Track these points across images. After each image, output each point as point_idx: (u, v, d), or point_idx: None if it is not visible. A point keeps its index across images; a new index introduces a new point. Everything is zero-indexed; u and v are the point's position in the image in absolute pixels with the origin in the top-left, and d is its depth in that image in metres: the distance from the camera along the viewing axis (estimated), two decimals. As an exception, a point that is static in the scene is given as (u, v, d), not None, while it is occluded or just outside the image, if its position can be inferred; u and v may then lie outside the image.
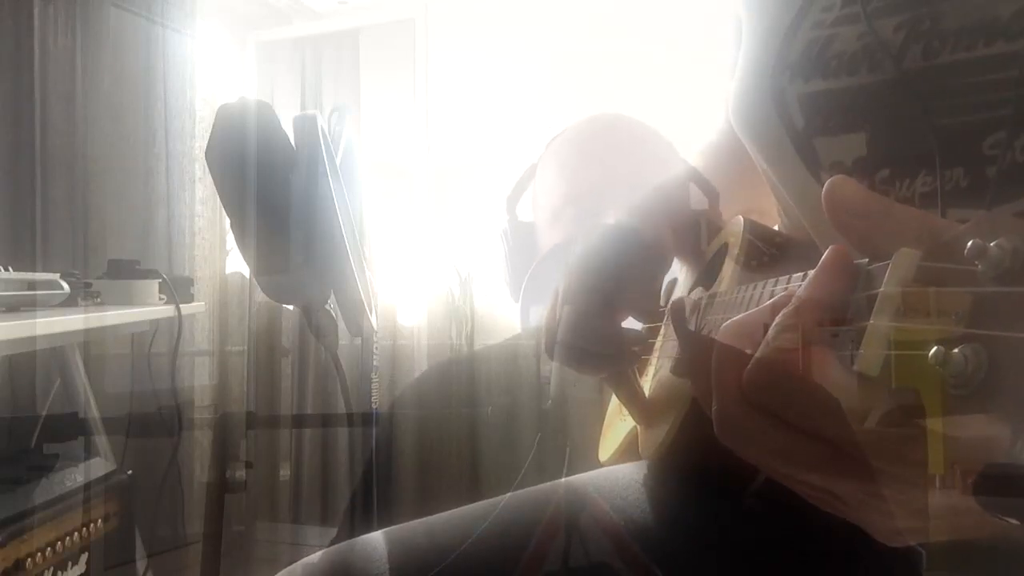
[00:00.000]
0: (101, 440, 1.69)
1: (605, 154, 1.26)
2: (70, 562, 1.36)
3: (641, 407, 0.65)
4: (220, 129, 0.72)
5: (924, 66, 0.44)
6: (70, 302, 1.50)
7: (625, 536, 0.61)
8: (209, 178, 1.69)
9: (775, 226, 0.62)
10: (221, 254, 2.60)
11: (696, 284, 0.65)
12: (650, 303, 0.68)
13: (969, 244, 0.25)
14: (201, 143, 2.46)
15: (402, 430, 1.38)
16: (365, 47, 2.83)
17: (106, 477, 1.53)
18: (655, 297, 0.69)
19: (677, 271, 0.71)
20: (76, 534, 1.38)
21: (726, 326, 0.35)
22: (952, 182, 0.43)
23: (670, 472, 0.64)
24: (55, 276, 1.47)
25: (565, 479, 0.70)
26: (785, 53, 0.51)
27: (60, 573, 1.33)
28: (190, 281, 2.09)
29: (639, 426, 0.66)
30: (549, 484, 0.69)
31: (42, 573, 1.28)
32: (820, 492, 0.33)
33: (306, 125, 0.75)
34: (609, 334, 0.65)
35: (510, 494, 0.67)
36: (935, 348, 0.25)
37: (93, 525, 1.43)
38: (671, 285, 0.72)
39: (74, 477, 1.44)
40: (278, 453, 2.78)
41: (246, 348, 2.60)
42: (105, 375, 1.98)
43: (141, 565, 1.75)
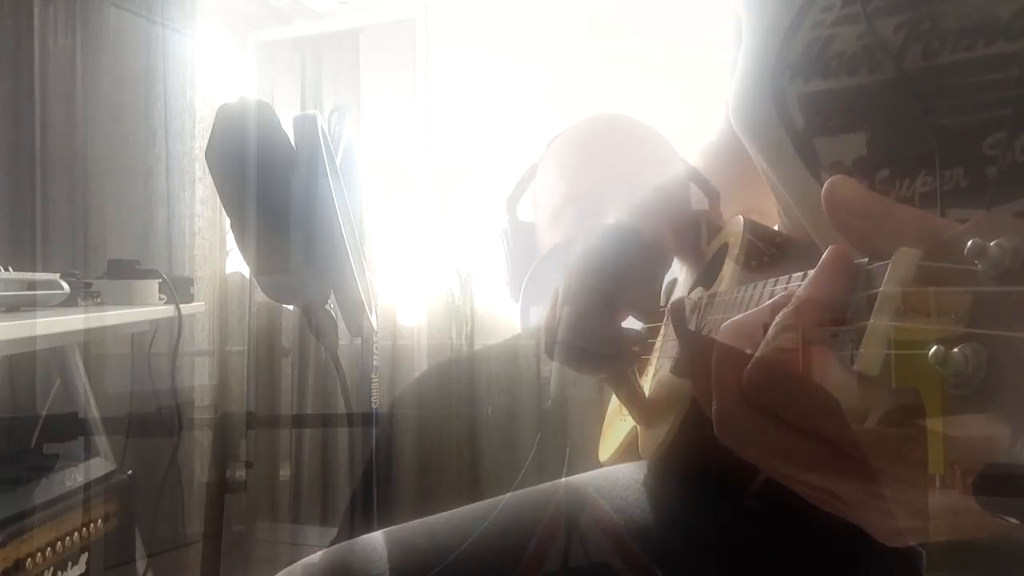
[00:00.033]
0: (101, 440, 1.69)
1: (605, 154, 1.26)
2: (70, 562, 1.36)
3: (641, 407, 0.65)
4: (220, 129, 0.72)
5: (924, 66, 0.44)
6: (70, 302, 1.50)
7: (625, 536, 0.61)
8: (209, 178, 1.69)
9: (775, 226, 0.62)
10: (221, 254, 2.60)
11: (696, 284, 0.65)
12: (650, 303, 0.68)
13: (969, 244, 0.25)
14: (201, 143, 2.46)
15: (402, 430, 1.38)
16: (365, 47, 2.83)
17: (106, 477, 1.53)
18: (655, 297, 0.69)
19: (677, 271, 0.71)
20: (76, 534, 1.38)
21: (726, 326, 0.35)
22: (952, 182, 0.43)
23: (670, 472, 0.64)
24: (55, 276, 1.47)
25: (565, 479, 0.70)
26: (785, 53, 0.51)
27: (60, 573, 1.33)
28: (190, 281, 2.09)
29: (639, 426, 0.66)
30: (549, 484, 0.69)
31: (42, 573, 1.28)
32: (820, 492, 0.33)
33: (306, 125, 0.75)
34: (609, 334, 0.65)
35: (510, 494, 0.67)
36: (935, 348, 0.25)
37: (93, 525, 1.43)
38: (671, 285, 0.72)
39: (74, 477, 1.44)
40: (278, 453, 2.78)
41: (246, 348, 2.60)
42: (105, 375, 1.98)
43: (141, 565, 1.75)
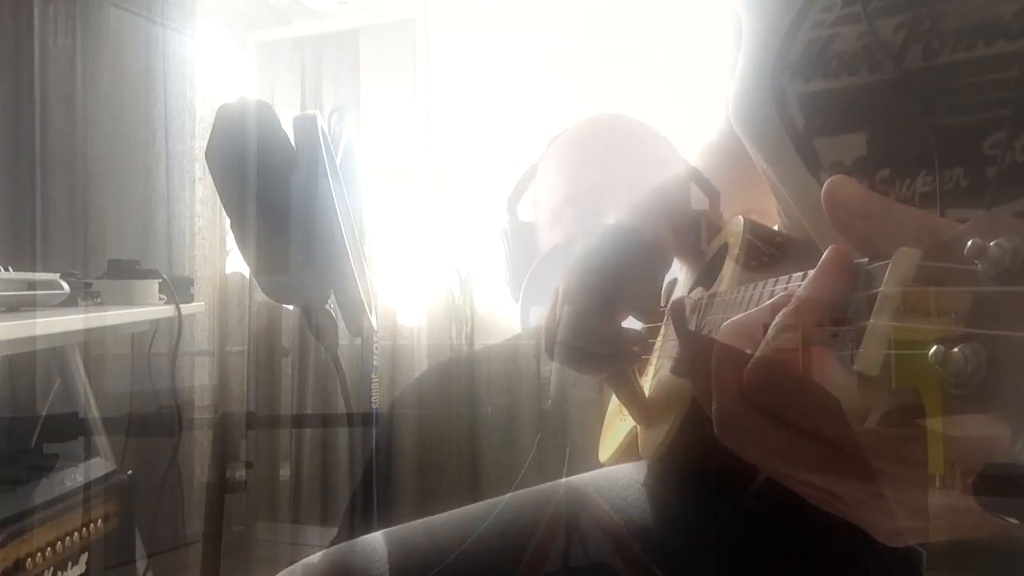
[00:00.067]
0: (101, 440, 1.69)
1: (605, 154, 1.26)
2: (70, 562, 1.36)
3: (641, 407, 0.65)
4: (220, 129, 0.72)
5: (924, 66, 0.44)
6: (70, 302, 1.50)
7: (625, 536, 0.61)
8: (209, 178, 1.69)
9: (775, 226, 0.62)
10: (221, 254, 2.60)
11: (696, 284, 0.65)
12: (650, 303, 0.68)
13: (969, 244, 0.25)
14: (201, 143, 2.46)
15: (402, 430, 1.38)
16: (365, 47, 2.83)
17: (106, 477, 1.52)
18: (655, 297, 0.69)
19: (677, 271, 0.71)
20: (76, 534, 1.38)
21: (726, 326, 0.35)
22: (952, 182, 0.43)
23: (670, 472, 0.64)
24: (55, 276, 1.47)
25: (565, 479, 0.70)
26: (785, 53, 0.51)
27: (60, 573, 1.33)
28: (190, 281, 2.09)
29: (639, 426, 0.66)
30: (549, 484, 0.69)
31: (42, 573, 1.28)
32: (820, 492, 0.33)
33: (306, 125, 0.75)
34: (609, 334, 0.65)
35: (510, 494, 0.67)
36: (935, 348, 0.25)
37: (93, 525, 1.43)
38: (671, 285, 0.72)
39: (74, 477, 1.44)
40: (278, 453, 2.78)
41: (246, 348, 2.60)
42: (105, 375, 1.98)
43: (141, 565, 1.75)
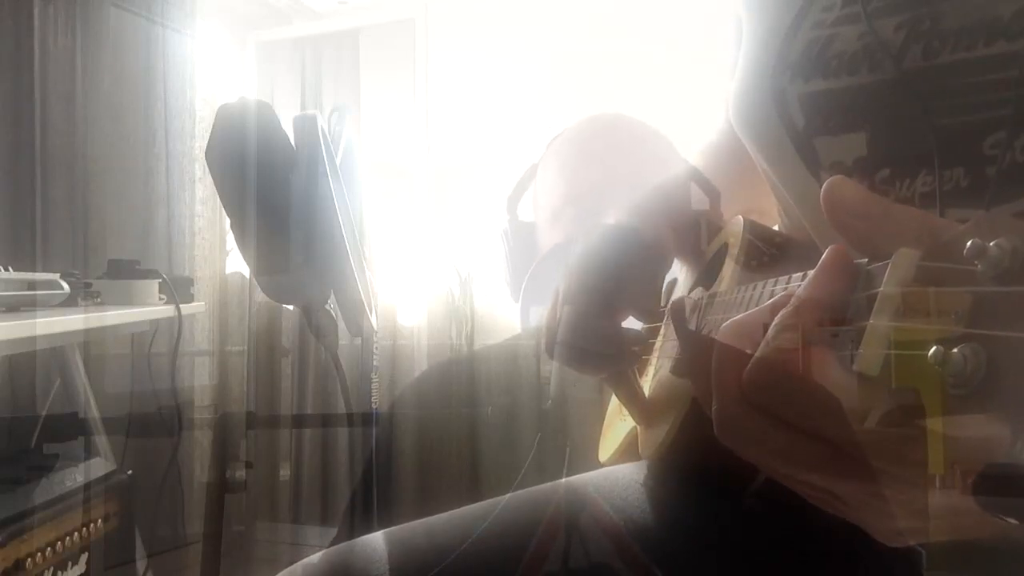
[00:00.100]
0: (101, 440, 1.69)
1: (605, 154, 1.26)
2: (70, 562, 1.36)
3: (641, 407, 0.65)
4: (220, 129, 0.73)
5: (924, 66, 0.44)
6: (70, 302, 1.50)
7: (625, 536, 0.61)
8: (209, 178, 1.69)
9: (775, 226, 0.62)
10: (221, 254, 2.60)
11: (696, 284, 0.65)
12: (650, 303, 0.68)
13: (968, 244, 0.25)
14: (201, 143, 2.45)
15: (402, 430, 1.38)
16: (365, 47, 2.83)
17: (106, 477, 1.52)
18: (655, 297, 0.69)
19: (677, 271, 0.71)
20: (76, 534, 1.38)
21: (726, 326, 0.35)
22: (952, 182, 0.43)
23: (670, 472, 0.64)
24: (55, 276, 1.47)
25: (565, 479, 0.70)
26: (785, 53, 0.51)
27: (60, 573, 1.33)
28: (190, 281, 2.09)
29: (639, 426, 0.66)
30: (549, 484, 0.69)
31: (42, 573, 1.28)
32: (820, 492, 0.33)
33: (306, 125, 0.76)
34: (609, 334, 0.65)
35: (510, 494, 0.67)
36: (934, 348, 0.25)
37: (93, 525, 1.43)
38: (671, 285, 0.72)
39: (74, 477, 1.44)
40: (278, 453, 2.78)
41: (246, 348, 2.60)
42: (105, 375, 1.98)
43: (141, 565, 1.75)
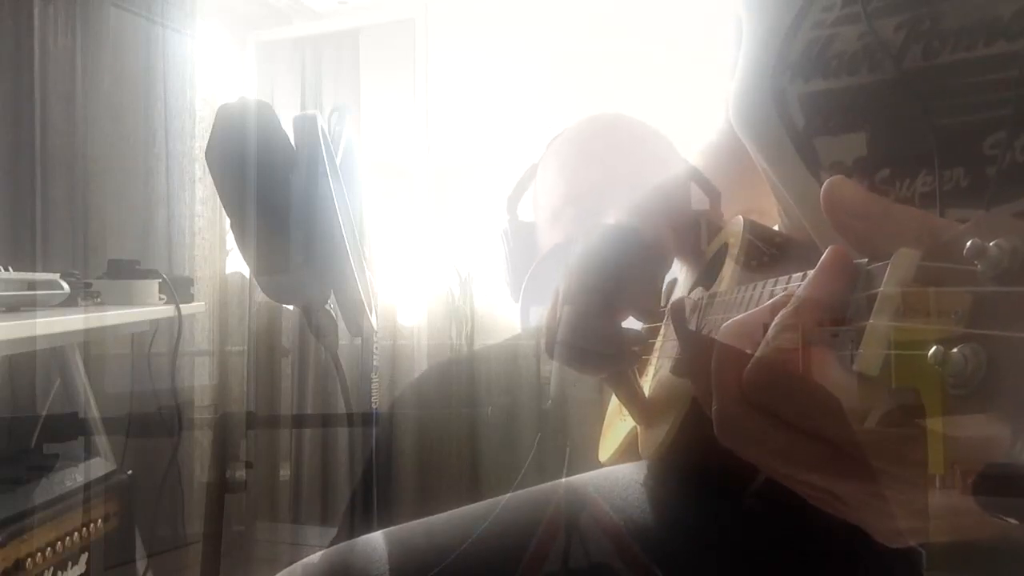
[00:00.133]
0: (101, 440, 1.69)
1: (605, 154, 1.26)
2: (70, 562, 1.36)
3: (641, 407, 0.65)
4: (220, 129, 0.72)
5: (924, 66, 0.44)
6: (70, 302, 1.50)
7: (625, 536, 0.61)
8: (209, 178, 1.69)
9: (775, 226, 0.62)
10: (221, 254, 2.60)
11: (696, 284, 0.65)
12: (650, 303, 0.68)
13: (968, 244, 0.25)
14: (201, 143, 2.45)
15: (402, 430, 1.38)
16: (365, 47, 2.83)
17: (106, 477, 1.52)
18: (655, 297, 0.69)
19: (677, 271, 0.71)
20: (76, 534, 1.38)
21: (726, 326, 0.35)
22: (952, 182, 0.43)
23: (670, 472, 0.64)
24: (55, 276, 1.47)
25: (565, 479, 0.70)
26: (785, 53, 0.51)
27: (60, 573, 1.33)
28: (190, 281, 2.09)
29: (639, 426, 0.66)
30: (549, 484, 0.69)
31: (42, 573, 1.28)
32: (820, 492, 0.33)
33: (306, 125, 0.75)
34: (609, 334, 0.65)
35: (510, 494, 0.67)
36: (934, 348, 0.25)
37: (93, 525, 1.43)
38: (671, 285, 0.72)
39: (74, 477, 1.44)
40: (278, 453, 2.78)
41: (246, 348, 2.60)
42: (105, 375, 1.98)
43: (141, 565, 1.75)
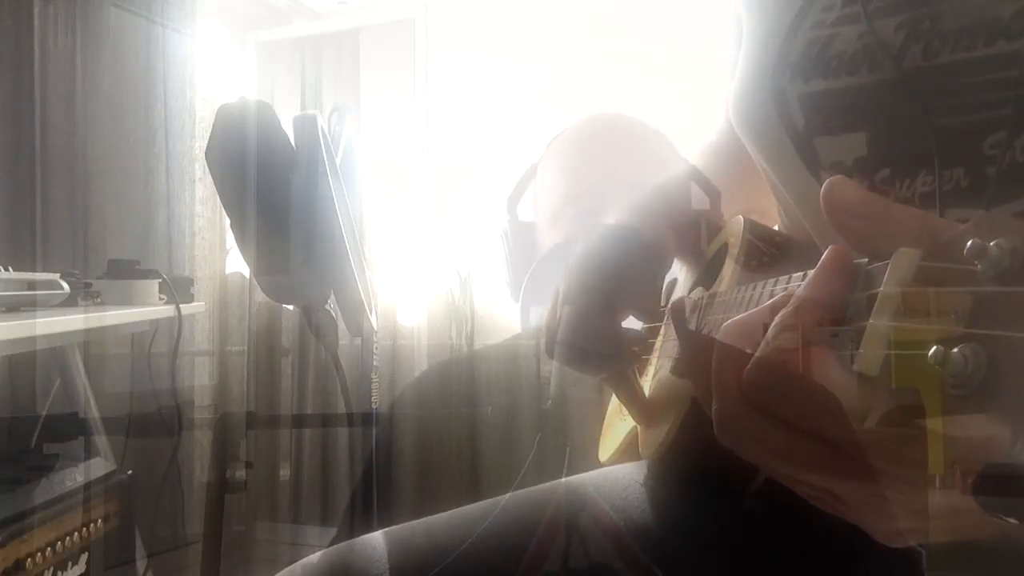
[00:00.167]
0: (101, 440, 1.69)
1: (605, 154, 1.26)
2: (70, 562, 1.36)
3: (641, 407, 0.65)
4: (220, 129, 0.72)
5: (924, 66, 0.44)
6: (70, 302, 1.50)
7: (625, 536, 0.61)
8: (209, 178, 1.69)
9: (775, 226, 0.62)
10: (221, 254, 2.60)
11: (696, 284, 0.65)
12: (650, 303, 0.68)
13: (968, 244, 0.25)
14: (201, 143, 2.46)
15: (402, 430, 1.38)
16: (365, 47, 2.83)
17: (106, 477, 1.52)
18: (655, 297, 0.69)
19: (677, 271, 0.71)
20: (76, 534, 1.38)
21: (726, 326, 0.35)
22: (952, 182, 0.43)
23: (670, 472, 0.64)
24: (55, 276, 1.47)
25: (565, 479, 0.70)
26: (785, 53, 0.51)
27: (60, 573, 1.33)
28: (190, 281, 2.09)
29: (639, 426, 0.66)
30: (549, 484, 0.69)
31: (42, 573, 1.28)
32: (820, 492, 0.33)
33: (306, 125, 0.75)
34: (609, 334, 0.65)
35: (510, 494, 0.67)
36: (934, 348, 0.25)
37: (93, 525, 1.43)
38: (671, 285, 0.72)
39: (74, 477, 1.44)
40: (278, 453, 2.78)
41: (246, 348, 2.60)
42: (105, 375, 1.98)
43: (141, 565, 1.75)
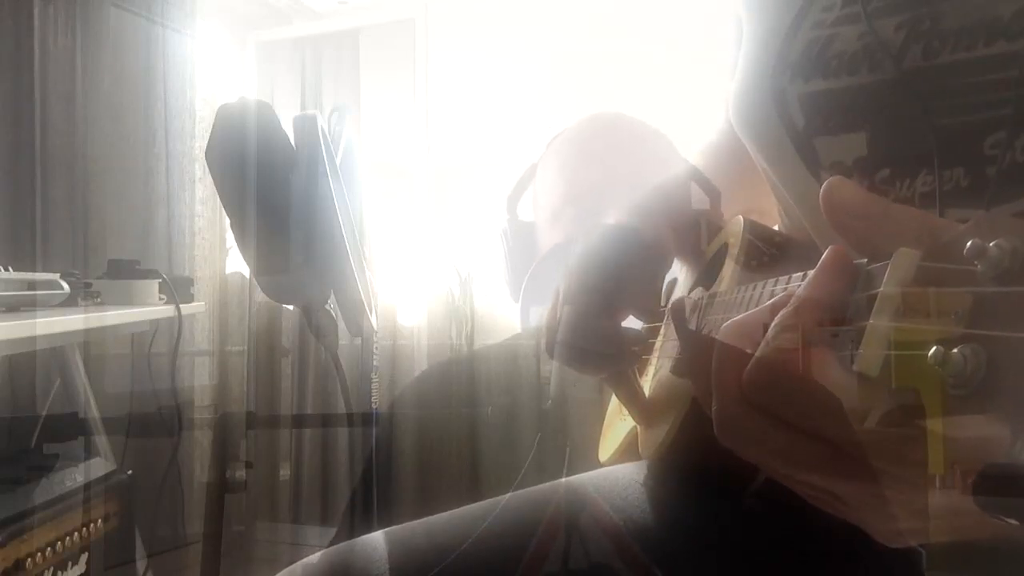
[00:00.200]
0: (101, 440, 1.69)
1: (605, 153, 1.26)
2: (70, 562, 1.36)
3: (641, 407, 0.65)
4: (220, 129, 0.73)
5: (924, 66, 0.44)
6: (70, 302, 1.50)
7: (625, 536, 0.61)
8: (209, 178, 1.69)
9: (775, 226, 0.62)
10: (221, 254, 2.60)
11: (696, 284, 0.65)
12: (650, 303, 0.68)
13: (968, 244, 0.25)
14: (201, 143, 2.46)
15: (402, 430, 1.38)
16: (365, 47, 2.83)
17: (106, 477, 1.52)
18: (655, 297, 0.69)
19: (677, 271, 0.71)
20: (76, 534, 1.38)
21: (726, 326, 0.34)
22: (952, 182, 0.43)
23: (670, 472, 0.64)
24: (55, 276, 1.47)
25: (565, 479, 0.70)
26: (785, 53, 0.51)
27: (60, 573, 1.33)
28: (190, 281, 2.09)
29: (639, 426, 0.66)
30: (549, 484, 0.69)
31: (42, 573, 1.28)
32: (820, 492, 0.33)
33: (306, 125, 0.76)
34: (609, 334, 0.65)
35: (510, 494, 0.67)
36: (934, 348, 0.25)
37: (93, 525, 1.43)
38: (671, 285, 0.72)
39: (74, 477, 1.44)
40: (278, 453, 2.78)
41: (246, 348, 2.60)
42: (105, 375, 1.98)
43: (141, 565, 1.75)
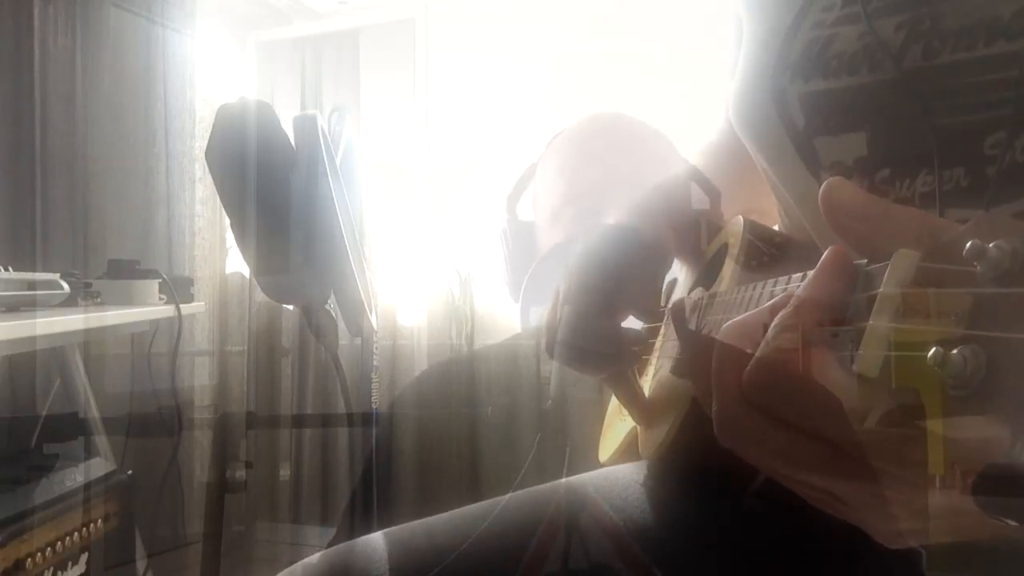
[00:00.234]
0: (101, 440, 1.69)
1: (605, 153, 1.26)
2: (70, 562, 1.36)
3: (641, 407, 0.65)
4: (220, 129, 0.73)
5: (924, 66, 0.44)
6: (70, 302, 1.50)
7: (625, 536, 0.61)
8: (209, 178, 1.69)
9: (775, 226, 0.62)
10: (221, 254, 2.60)
11: (696, 284, 0.65)
12: (650, 303, 0.68)
13: (968, 245, 0.25)
14: (201, 143, 2.46)
15: (402, 430, 1.38)
16: (365, 47, 2.83)
17: (106, 477, 1.53)
18: (655, 297, 0.69)
19: (677, 271, 0.71)
20: (76, 534, 1.38)
21: (726, 326, 0.34)
22: (952, 182, 0.43)
23: (670, 472, 0.64)
24: (55, 276, 1.47)
25: (565, 479, 0.70)
26: (785, 53, 0.51)
27: (60, 573, 1.33)
28: (190, 281, 2.09)
29: (639, 426, 0.66)
30: (549, 484, 0.69)
31: (42, 573, 1.28)
32: (820, 493, 0.33)
33: (306, 125, 0.76)
34: (609, 334, 0.65)
35: (510, 494, 0.67)
36: (934, 349, 0.25)
37: (93, 525, 1.43)
38: (671, 285, 0.72)
39: (74, 477, 1.44)
40: (278, 453, 2.78)
41: (246, 348, 2.60)
42: (105, 375, 1.98)
43: (141, 565, 1.75)
